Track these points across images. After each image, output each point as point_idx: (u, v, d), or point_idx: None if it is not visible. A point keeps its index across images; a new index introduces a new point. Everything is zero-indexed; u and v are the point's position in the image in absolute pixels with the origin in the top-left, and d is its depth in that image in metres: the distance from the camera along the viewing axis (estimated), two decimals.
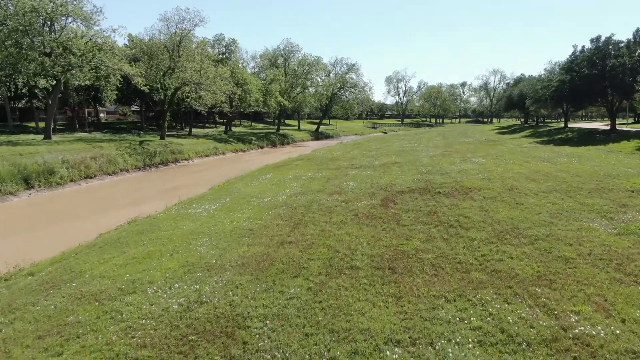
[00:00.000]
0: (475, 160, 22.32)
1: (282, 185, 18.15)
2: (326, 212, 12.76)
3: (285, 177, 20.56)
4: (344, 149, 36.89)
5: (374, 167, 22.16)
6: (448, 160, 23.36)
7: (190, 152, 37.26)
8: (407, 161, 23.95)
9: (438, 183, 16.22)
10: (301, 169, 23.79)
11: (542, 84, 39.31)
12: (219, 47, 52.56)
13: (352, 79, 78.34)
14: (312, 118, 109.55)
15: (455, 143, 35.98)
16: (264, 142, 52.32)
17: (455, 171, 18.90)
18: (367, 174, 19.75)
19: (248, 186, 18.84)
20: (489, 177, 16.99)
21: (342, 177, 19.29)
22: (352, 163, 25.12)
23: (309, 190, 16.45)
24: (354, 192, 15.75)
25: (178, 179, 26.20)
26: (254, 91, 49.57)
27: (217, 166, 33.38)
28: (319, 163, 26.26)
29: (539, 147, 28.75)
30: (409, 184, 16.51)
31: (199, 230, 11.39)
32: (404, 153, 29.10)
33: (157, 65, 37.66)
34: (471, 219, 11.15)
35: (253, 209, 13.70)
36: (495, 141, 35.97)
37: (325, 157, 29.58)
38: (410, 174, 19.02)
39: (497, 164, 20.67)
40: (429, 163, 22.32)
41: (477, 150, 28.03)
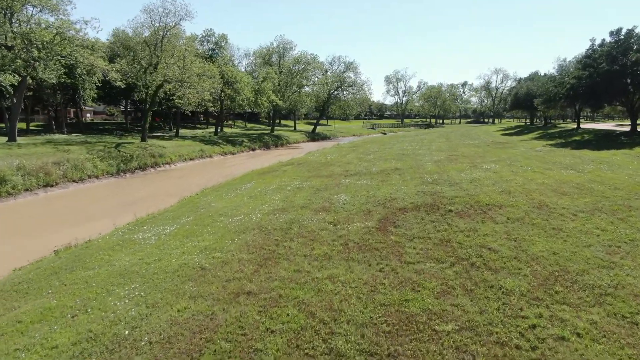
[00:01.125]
0: (487, 167, 19.47)
1: (261, 199, 15.29)
2: (307, 240, 9.92)
3: (267, 187, 17.69)
4: (339, 152, 34.03)
5: (371, 175, 19.32)
6: (455, 166, 20.51)
7: (173, 155, 34.37)
8: (408, 167, 21.10)
9: (448, 197, 13.38)
10: (288, 176, 20.93)
11: (555, 82, 36.40)
12: (208, 43, 49.69)
13: (350, 78, 75.59)
14: (310, 118, 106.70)
15: (460, 146, 33.13)
16: (256, 144, 49.44)
17: (466, 181, 16.06)
18: (362, 184, 16.89)
19: (221, 199, 15.96)
20: (508, 189, 14.14)
21: (333, 188, 16.43)
22: (346, 169, 22.26)
23: (291, 206, 13.60)
24: (345, 208, 12.89)
25: (150, 188, 23.32)
26: (245, 90, 46.68)
27: (199, 171, 30.50)
28: (310, 169, 23.40)
29: (555, 150, 25.90)
30: (413, 197, 13.66)
31: (133, 269, 8.52)
32: (404, 157, 26.25)
33: (138, 61, 34.77)
34: (499, 254, 8.32)
35: (216, 234, 10.84)
36: (503, 144, 33.12)
37: (318, 162, 26.72)
38: (413, 184, 16.17)
39: (514, 171, 17.82)
40: (434, 170, 19.47)
41: (487, 155, 25.19)
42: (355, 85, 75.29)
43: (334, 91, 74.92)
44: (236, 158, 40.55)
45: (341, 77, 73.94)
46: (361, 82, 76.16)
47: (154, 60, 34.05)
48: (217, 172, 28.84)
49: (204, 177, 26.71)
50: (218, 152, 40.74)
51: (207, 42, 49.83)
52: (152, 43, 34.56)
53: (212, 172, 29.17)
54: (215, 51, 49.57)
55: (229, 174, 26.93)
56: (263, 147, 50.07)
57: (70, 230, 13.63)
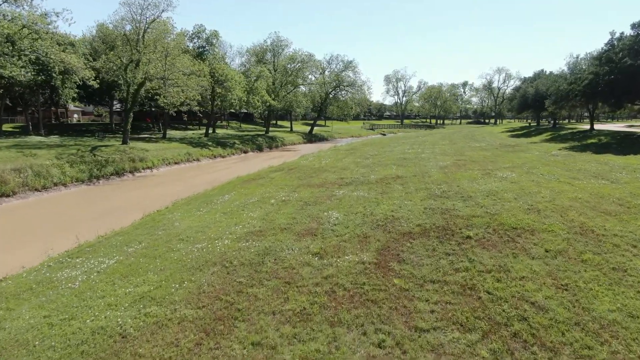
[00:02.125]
0: (502, 175, 16.93)
1: (236, 216, 12.74)
2: (282, 283, 7.39)
3: (248, 200, 15.14)
4: (335, 155, 31.48)
5: (370, 184, 16.77)
6: (465, 174, 17.97)
7: (156, 159, 31.77)
8: (412, 174, 18.56)
9: (463, 216, 10.85)
10: (275, 185, 18.37)
11: (568, 80, 33.81)
12: (199, 40, 47.11)
13: (349, 77, 72.94)
14: (308, 119, 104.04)
15: (466, 149, 30.59)
16: (249, 146, 46.85)
17: (481, 194, 13.52)
18: (359, 196, 14.35)
19: (190, 216, 13.40)
20: (535, 205, 11.60)
21: (324, 202, 13.89)
22: (341, 176, 19.72)
23: (270, 228, 11.06)
24: (336, 231, 10.36)
25: (119, 198, 20.73)
26: (237, 89, 44.10)
27: (181, 178, 27.92)
28: (301, 176, 20.85)
29: (574, 155, 23.34)
30: (420, 217, 11.13)
31: (24, 337, 5.96)
32: (406, 162, 23.72)
33: (118, 57, 32.21)
34: (550, 316, 5.80)
35: (164, 272, 8.29)
36: (513, 146, 30.58)
37: (311, 167, 24.18)
38: (418, 197, 13.63)
39: (536, 181, 15.27)
40: (441, 179, 16.93)
41: (498, 160, 22.65)
42: (354, 85, 72.71)
43: (332, 91, 72.35)
44: (225, 161, 37.98)
45: (339, 77, 71.35)
46: (360, 82, 73.60)
47: (135, 56, 31.49)
48: (200, 179, 26.28)
49: (184, 184, 24.15)
50: (206, 155, 38.17)
51: (197, 39, 47.26)
52: (132, 38, 32.00)
53: (195, 179, 26.62)
54: (205, 48, 47.00)
55: (213, 180, 24.37)
56: (256, 150, 47.49)
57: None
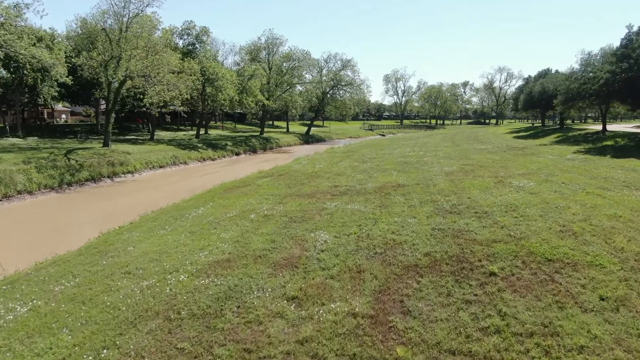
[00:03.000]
0: (518, 184, 14.80)
1: (205, 237, 10.59)
2: (239, 351, 5.25)
3: (224, 214, 12.99)
4: (330, 158, 29.34)
5: (367, 195, 14.64)
6: (475, 182, 15.85)
7: (138, 163, 29.60)
8: (414, 183, 16.42)
9: (481, 241, 8.73)
10: (259, 194, 16.22)
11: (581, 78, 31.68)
12: (189, 36, 44.94)
13: (348, 76, 70.94)
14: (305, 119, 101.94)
15: (471, 152, 28.46)
16: (241, 147, 44.67)
17: (498, 208, 11.39)
18: (353, 211, 12.22)
19: (150, 236, 11.24)
20: (568, 226, 9.48)
21: (312, 218, 11.76)
22: (335, 184, 17.58)
23: (242, 254, 8.92)
24: (322, 262, 8.25)
25: (85, 209, 18.55)
26: (228, 88, 41.93)
27: (162, 183, 25.76)
28: (291, 183, 18.71)
29: (593, 160, 21.22)
30: (427, 241, 9.01)
31: None
32: (408, 167, 21.59)
33: (98, 53, 30.04)
34: None
35: (86, 327, 6.15)
36: (522, 149, 28.45)
37: (303, 173, 22.04)
38: (423, 212, 11.50)
39: (560, 192, 13.13)
40: (448, 188, 14.80)
41: (509, 165, 20.52)
42: (352, 85, 70.66)
43: (330, 90, 70.27)
44: (214, 165, 35.81)
45: (337, 76, 69.26)
46: (359, 81, 71.63)
47: (116, 52, 29.31)
48: (182, 185, 24.13)
49: (162, 191, 22.01)
50: (195, 157, 36.00)
51: (187, 36, 45.09)
52: (113, 33, 29.83)
53: (177, 185, 24.47)
54: (195, 46, 44.84)
55: (195, 187, 22.21)
56: (249, 152, 45.32)
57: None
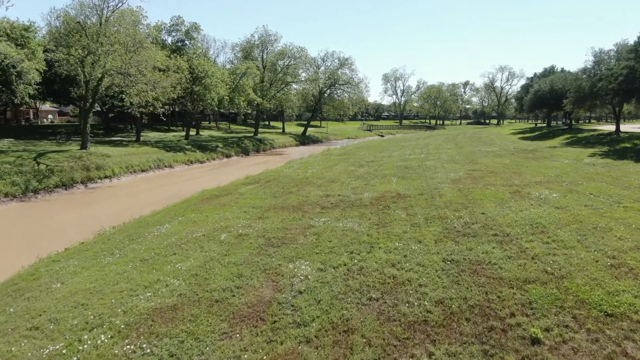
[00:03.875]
0: (538, 195, 12.68)
1: (157, 268, 8.44)
2: None
3: (190, 234, 10.84)
4: (325, 162, 27.21)
5: (362, 208, 12.51)
6: (487, 191, 13.72)
7: (118, 166, 27.43)
8: (417, 193, 14.30)
9: (510, 281, 6.61)
10: (239, 206, 14.07)
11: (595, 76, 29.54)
12: (178, 33, 42.76)
13: (345, 75, 68.75)
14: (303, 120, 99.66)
15: (477, 154, 26.35)
16: (233, 149, 42.47)
17: (521, 228, 9.29)
18: (344, 230, 10.10)
19: (90, 267, 9.08)
20: (620, 258, 7.37)
21: (294, 240, 9.63)
22: (327, 192, 15.45)
23: (195, 298, 6.80)
24: (298, 313, 6.14)
25: (38, 224, 16.36)
26: (219, 86, 39.75)
27: (140, 190, 23.59)
28: (277, 192, 16.56)
29: (615, 165, 19.08)
30: (438, 280, 6.88)
31: None
32: (409, 172, 19.47)
33: (75, 49, 27.85)
34: None
35: None
36: (533, 152, 26.33)
37: (293, 178, 19.91)
38: (430, 234, 9.38)
39: (592, 206, 11.00)
40: (457, 200, 12.68)
41: (522, 170, 18.40)
42: (350, 84, 68.50)
43: (327, 90, 68.13)
44: (202, 168, 33.64)
45: (335, 74, 67.10)
46: (357, 80, 69.44)
47: (93, 47, 27.12)
48: (160, 192, 21.97)
49: (136, 200, 19.85)
50: (181, 160, 33.81)
51: (176, 32, 42.91)
52: (91, 27, 27.66)
53: (155, 192, 22.30)
54: (185, 42, 42.65)
55: (174, 194, 20.06)
56: (241, 153, 43.13)
57: None
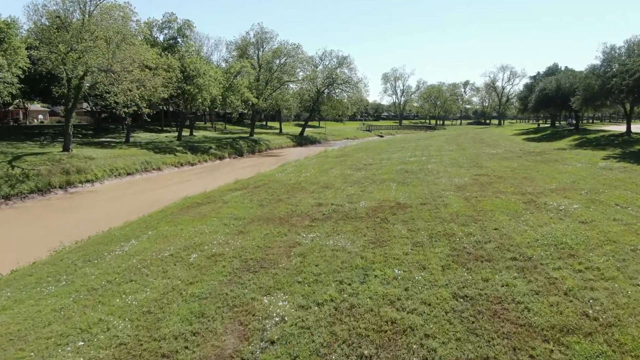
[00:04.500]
0: (556, 205, 11.19)
1: (104, 302, 6.96)
2: None
3: (157, 253, 9.34)
4: (321, 164, 25.71)
5: (356, 220, 11.02)
6: (497, 201, 12.23)
7: (101, 170, 25.93)
8: (419, 201, 12.80)
9: (541, 328, 5.10)
10: (220, 217, 12.57)
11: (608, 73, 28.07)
12: (170, 30, 41.26)
13: (344, 74, 67.28)
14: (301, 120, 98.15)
15: (481, 157, 24.85)
16: (226, 150, 40.94)
17: (544, 249, 7.81)
18: (335, 250, 8.61)
19: (27, 298, 7.60)
20: None
21: (275, 263, 8.14)
22: (320, 201, 13.97)
23: (134, 355, 5.26)
24: None
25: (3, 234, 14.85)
26: (211, 86, 38.25)
27: (120, 195, 22.11)
28: (265, 199, 15.06)
29: (636, 169, 17.56)
30: (449, 327, 5.37)
31: None
32: (409, 177, 17.97)
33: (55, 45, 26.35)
34: None
35: None
36: (541, 154, 24.83)
37: (285, 183, 18.40)
38: (436, 256, 7.88)
39: (623, 221, 9.51)
40: (464, 211, 11.19)
41: (533, 175, 16.90)
42: (349, 83, 67.03)
43: (325, 89, 66.64)
44: (192, 171, 32.14)
45: (333, 73, 65.60)
46: (356, 79, 68.00)
47: (75, 43, 25.62)
48: (140, 198, 20.48)
49: (111, 207, 18.37)
50: (171, 163, 32.30)
51: (168, 29, 41.41)
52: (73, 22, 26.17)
53: (134, 198, 20.80)
54: (177, 40, 41.15)
55: (155, 201, 18.56)
56: (234, 155, 41.61)
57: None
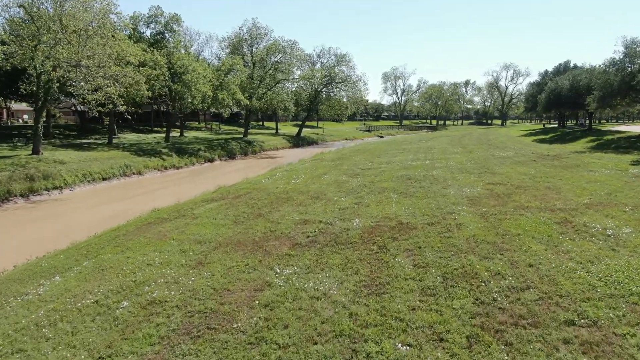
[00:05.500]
0: (602, 229, 8.87)
1: None
2: None
3: (77, 300, 7.02)
4: (314, 169, 23.37)
5: (347, 248, 8.69)
6: (523, 220, 9.87)
7: (72, 175, 23.59)
8: (426, 220, 10.46)
9: None
10: (180, 240, 10.23)
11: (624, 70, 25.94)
12: (157, 25, 38.89)
13: (343, 72, 64.92)
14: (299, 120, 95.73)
15: (491, 161, 22.48)
16: (217, 152, 38.52)
17: (610, 306, 5.47)
18: (313, 300, 6.28)
19: None
20: None
21: (228, 322, 5.81)
22: (306, 217, 11.63)
23: None
24: None
25: None
26: (200, 83, 35.90)
27: (86, 205, 19.73)
28: (243, 213, 12.72)
29: None
30: None
31: None
32: (412, 186, 15.62)
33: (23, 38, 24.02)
34: None
35: None
36: (558, 158, 22.46)
37: (271, 192, 16.06)
38: (456, 316, 5.53)
39: None
40: (484, 236, 8.84)
41: (557, 184, 14.55)
42: (348, 81, 64.63)
43: (323, 88, 64.27)
44: (176, 175, 29.79)
45: (331, 72, 63.19)
46: (356, 78, 65.60)
47: (42, 36, 23.30)
48: (105, 210, 18.10)
49: (71, 220, 15.98)
50: (154, 166, 29.92)
51: (155, 24, 39.02)
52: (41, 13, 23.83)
53: (99, 209, 18.42)
54: (164, 35, 38.78)
55: (120, 213, 16.16)
56: (225, 157, 39.22)
57: None
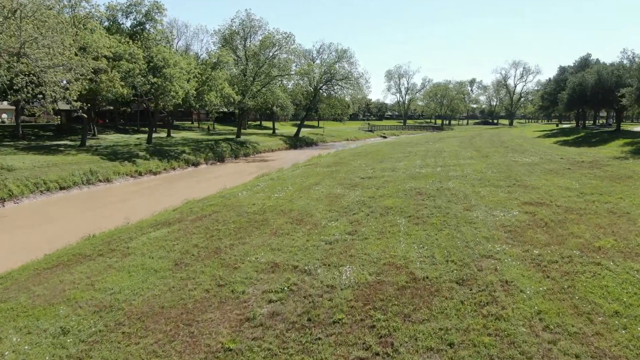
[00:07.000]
0: None
1: None
2: None
3: None
4: (305, 177, 19.76)
5: (324, 341, 5.06)
6: (607, 278, 6.26)
7: (21, 184, 20.12)
8: (451, 275, 6.91)
9: None
10: (74, 307, 6.78)
11: None
12: (137, 14, 35.38)
13: (344, 69, 61.17)
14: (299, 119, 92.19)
15: (516, 169, 18.78)
16: (203, 155, 34.93)
17: None
18: None
19: None
20: None
21: None
22: (276, 258, 8.11)
23: None
24: None
25: None
26: (182, 78, 32.36)
27: (18, 225, 16.14)
28: (190, 251, 9.21)
29: None
30: None
31: None
32: (425, 205, 12.02)
33: None
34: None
35: None
36: (595, 165, 18.75)
37: (243, 211, 12.50)
38: None
39: None
40: (553, 315, 5.26)
41: (619, 205, 10.92)
42: (349, 79, 60.91)
43: (323, 85, 60.62)
44: (152, 182, 26.26)
45: (332, 68, 59.46)
46: (357, 74, 61.85)
47: None
48: (35, 232, 14.59)
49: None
50: (126, 172, 26.36)
51: (135, 13, 35.53)
52: None
53: (28, 231, 14.90)
54: (145, 26, 35.27)
55: (50, 239, 12.63)
56: (214, 160, 35.66)
57: None
